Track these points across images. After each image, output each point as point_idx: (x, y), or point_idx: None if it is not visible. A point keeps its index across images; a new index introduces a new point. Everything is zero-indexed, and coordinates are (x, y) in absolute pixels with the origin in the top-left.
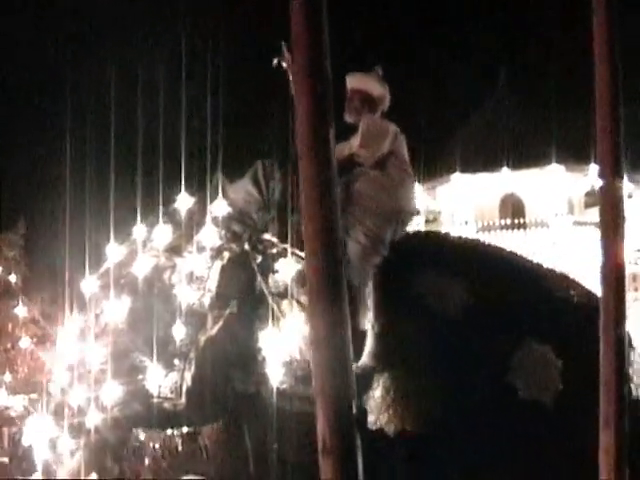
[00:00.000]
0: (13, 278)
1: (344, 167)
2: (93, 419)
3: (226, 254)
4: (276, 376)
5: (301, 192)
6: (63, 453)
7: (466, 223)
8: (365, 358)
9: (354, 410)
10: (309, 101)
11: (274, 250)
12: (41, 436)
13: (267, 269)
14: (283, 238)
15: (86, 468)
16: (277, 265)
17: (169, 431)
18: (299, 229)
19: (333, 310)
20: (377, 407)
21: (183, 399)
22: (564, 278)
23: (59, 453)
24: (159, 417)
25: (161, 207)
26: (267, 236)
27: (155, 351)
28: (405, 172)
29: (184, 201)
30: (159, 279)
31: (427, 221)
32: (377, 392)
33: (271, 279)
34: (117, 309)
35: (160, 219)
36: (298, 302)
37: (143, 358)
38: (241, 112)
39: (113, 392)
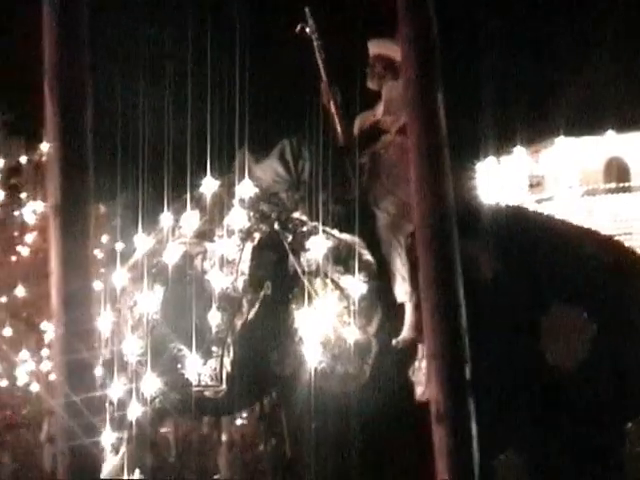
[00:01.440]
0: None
1: (370, 136)
2: (134, 412)
3: (256, 235)
4: (313, 356)
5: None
6: (105, 448)
7: (570, 187)
8: (405, 331)
9: (467, 375)
10: (415, 68)
11: (304, 228)
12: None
13: (298, 248)
14: (313, 217)
15: (129, 464)
16: (308, 243)
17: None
18: (329, 207)
19: (444, 274)
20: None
21: (224, 385)
22: (609, 243)
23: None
24: (200, 406)
25: (188, 193)
26: (296, 215)
27: (192, 340)
28: None
29: (209, 185)
30: (190, 266)
31: (530, 185)
32: (423, 363)
33: (303, 258)
34: (150, 300)
35: (187, 205)
36: (331, 280)
37: (180, 347)
38: (267, 88)
39: (152, 384)
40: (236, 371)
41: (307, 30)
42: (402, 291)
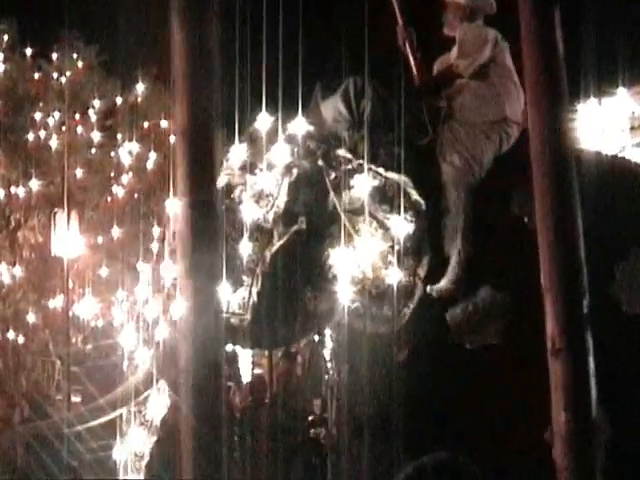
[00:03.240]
0: None
1: (445, 80)
2: (162, 332)
3: (295, 171)
4: (348, 294)
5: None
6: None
7: None
8: (444, 282)
9: (585, 309)
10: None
11: (349, 166)
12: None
13: (341, 185)
14: (373, 158)
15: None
16: (352, 181)
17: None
18: (392, 150)
19: (561, 206)
20: (458, 325)
21: (249, 314)
22: None
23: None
24: (227, 332)
25: (245, 126)
26: (342, 152)
27: (225, 267)
28: (509, 80)
29: (264, 120)
30: (228, 197)
31: (632, 128)
32: (457, 309)
33: (346, 196)
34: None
35: (238, 139)
36: (375, 218)
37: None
38: (333, 24)
39: (183, 307)
40: (263, 302)
41: None
42: (452, 244)
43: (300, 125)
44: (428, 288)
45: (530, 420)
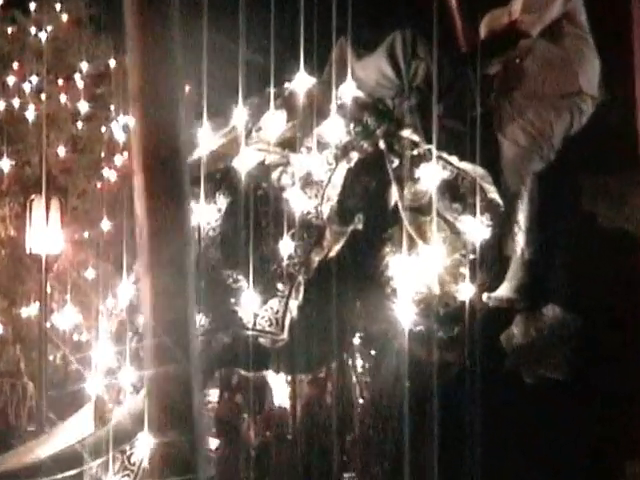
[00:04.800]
0: None
1: (504, 41)
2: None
3: (354, 155)
4: (409, 314)
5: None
6: (124, 387)
7: None
8: (504, 289)
9: None
10: None
11: (415, 152)
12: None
13: (405, 176)
14: (427, 135)
15: (151, 409)
16: (418, 172)
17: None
18: (447, 124)
19: None
20: (515, 351)
21: (285, 334)
22: None
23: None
24: (252, 355)
25: (272, 87)
26: (407, 133)
27: (254, 270)
28: (585, 42)
29: (303, 81)
30: (266, 179)
31: None
32: (515, 330)
33: (410, 189)
34: (208, 212)
35: (271, 103)
36: (444, 220)
37: (237, 277)
38: None
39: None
40: (304, 318)
41: None
42: (513, 243)
43: (349, 91)
44: (484, 296)
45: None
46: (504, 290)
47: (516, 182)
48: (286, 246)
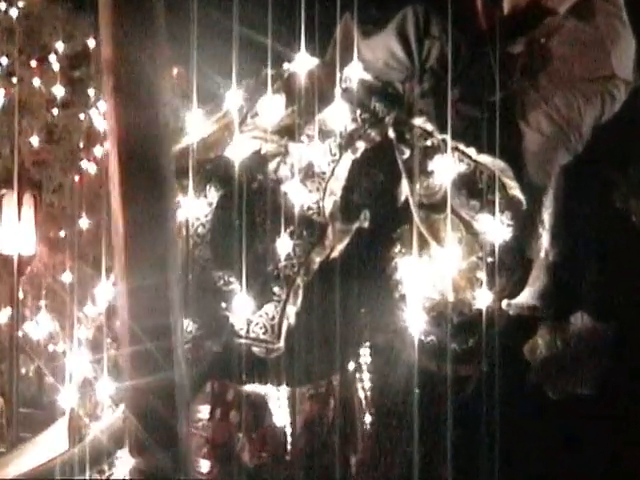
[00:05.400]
0: None
1: (528, 18)
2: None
3: (361, 144)
4: (419, 323)
5: None
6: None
7: None
8: (526, 295)
9: None
10: None
11: (429, 142)
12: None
13: (417, 169)
14: (441, 124)
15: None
16: (432, 164)
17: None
18: (463, 111)
19: None
20: (537, 360)
21: (281, 342)
22: None
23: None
24: (245, 365)
25: (269, 69)
26: (419, 121)
27: (247, 271)
28: (619, 20)
29: (303, 62)
30: (262, 170)
31: None
32: (539, 341)
33: (422, 184)
34: (198, 207)
35: (268, 86)
36: (460, 218)
37: (229, 279)
38: None
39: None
40: (303, 326)
41: None
42: (536, 244)
43: (357, 74)
44: (504, 303)
45: None
46: (526, 296)
47: (540, 176)
48: (284, 245)
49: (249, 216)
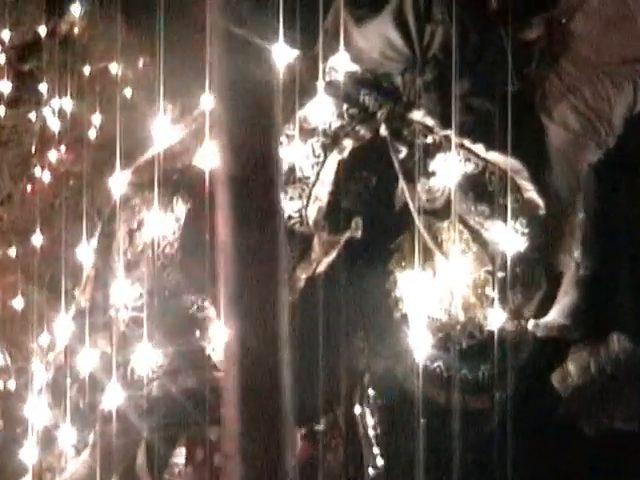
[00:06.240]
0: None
1: None
2: (114, 399)
3: (347, 143)
4: (423, 347)
5: None
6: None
7: None
8: (554, 313)
9: None
10: None
11: (429, 139)
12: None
13: (417, 170)
14: (444, 118)
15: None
16: (433, 164)
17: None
18: (473, 105)
19: None
20: (569, 390)
21: None
22: None
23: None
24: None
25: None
26: (418, 115)
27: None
28: None
29: (282, 54)
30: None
31: None
32: (570, 367)
33: (422, 187)
34: (164, 223)
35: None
36: (467, 226)
37: (203, 304)
38: None
39: (152, 356)
40: (289, 353)
41: None
42: (565, 255)
43: (344, 65)
44: (530, 324)
45: None
46: (555, 315)
47: (566, 177)
48: None
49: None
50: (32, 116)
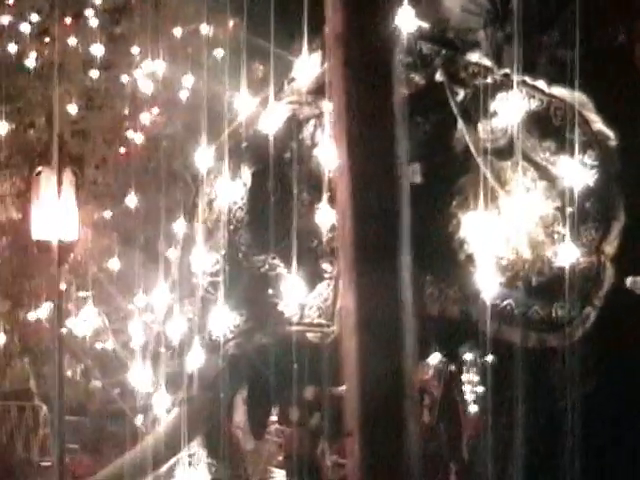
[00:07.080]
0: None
1: None
2: (197, 360)
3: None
4: (492, 286)
5: None
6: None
7: None
8: None
9: None
10: None
11: (488, 79)
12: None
13: (476, 111)
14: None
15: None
16: (494, 104)
17: None
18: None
19: None
20: None
21: (336, 325)
22: None
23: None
24: (301, 353)
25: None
26: (476, 57)
27: (293, 251)
28: None
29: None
30: (296, 137)
31: None
32: None
33: (484, 127)
34: (233, 188)
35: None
36: (533, 163)
37: (273, 262)
38: None
39: (227, 317)
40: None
41: None
42: None
43: (408, 22)
44: (629, 281)
45: None
46: None
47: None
48: (326, 215)
49: (286, 190)
50: (124, 79)
